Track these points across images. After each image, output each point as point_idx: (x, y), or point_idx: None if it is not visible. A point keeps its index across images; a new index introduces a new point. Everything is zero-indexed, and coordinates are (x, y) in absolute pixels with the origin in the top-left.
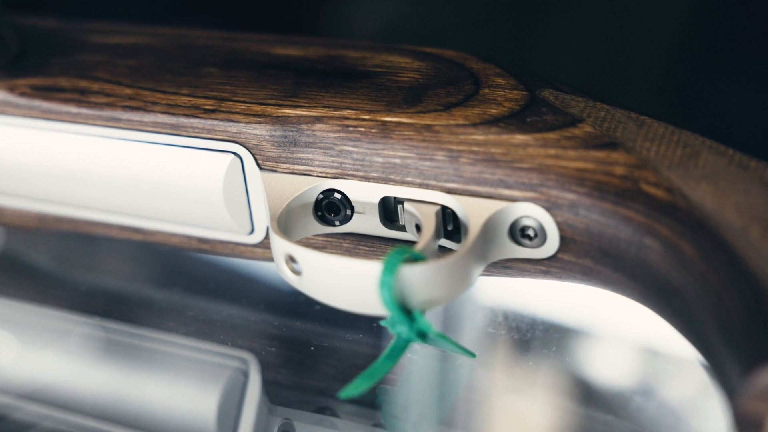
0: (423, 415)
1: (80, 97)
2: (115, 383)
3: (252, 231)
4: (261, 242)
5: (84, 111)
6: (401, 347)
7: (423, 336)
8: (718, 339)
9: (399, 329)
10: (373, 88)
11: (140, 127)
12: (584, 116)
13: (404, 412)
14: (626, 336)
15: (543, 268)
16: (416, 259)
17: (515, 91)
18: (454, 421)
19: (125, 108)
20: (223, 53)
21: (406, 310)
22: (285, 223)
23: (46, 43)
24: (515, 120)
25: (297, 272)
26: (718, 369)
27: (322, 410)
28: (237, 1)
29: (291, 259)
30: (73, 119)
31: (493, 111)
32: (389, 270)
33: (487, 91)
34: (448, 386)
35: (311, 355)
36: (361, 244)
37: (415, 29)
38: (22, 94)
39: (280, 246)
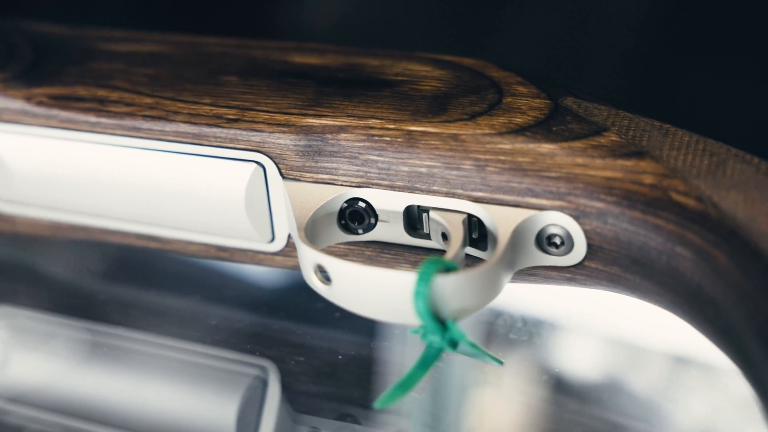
0: (451, 422)
1: (99, 106)
2: (132, 392)
3: (272, 239)
4: (281, 250)
5: (104, 120)
6: (433, 356)
7: (454, 345)
8: (758, 349)
9: (431, 338)
10: (397, 97)
11: (161, 137)
12: (609, 125)
13: (433, 420)
14: (653, 343)
15: (568, 275)
16: (449, 269)
17: (538, 100)
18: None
19: (146, 117)
20: (241, 62)
21: (438, 320)
22: (311, 232)
23: (59, 50)
24: (541, 129)
25: (326, 282)
26: (756, 379)
27: (343, 417)
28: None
29: (320, 269)
30: (91, 128)
31: (519, 120)
32: (424, 280)
33: (510, 99)
34: (473, 393)
35: (331, 362)
36: (384, 252)
37: (369, 25)
38: (40, 104)
39: (310, 256)
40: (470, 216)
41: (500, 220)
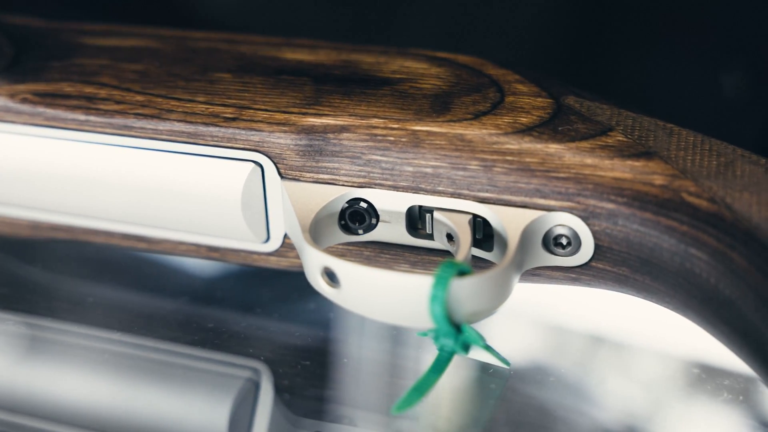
0: (462, 425)
1: (88, 104)
2: (125, 397)
3: (267, 239)
4: (276, 250)
5: (93, 118)
6: (446, 360)
7: (467, 348)
8: None
9: (443, 342)
10: (397, 95)
11: (154, 135)
12: (613, 124)
13: (443, 423)
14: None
15: (573, 275)
16: (464, 272)
17: (540, 99)
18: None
19: (138, 116)
20: (232, 57)
21: (453, 324)
22: (314, 233)
23: (40, 45)
24: (547, 129)
25: (334, 285)
26: None
27: (339, 419)
28: None
29: (327, 272)
30: (79, 127)
31: (524, 120)
32: (441, 284)
33: (512, 98)
34: (485, 396)
35: (325, 364)
36: (383, 252)
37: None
38: (24, 101)
39: (317, 259)
40: (475, 216)
41: (508, 221)
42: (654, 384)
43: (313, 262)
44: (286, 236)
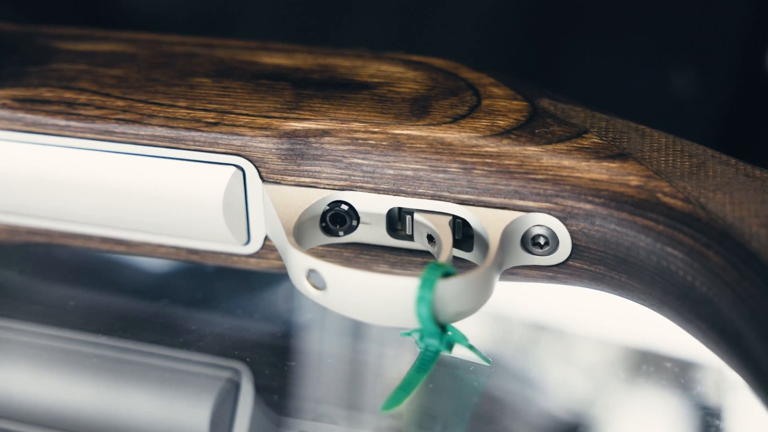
0: (446, 423)
1: (68, 109)
2: (105, 401)
3: (248, 242)
4: (256, 252)
5: (73, 123)
6: (431, 359)
7: (450, 347)
8: (762, 348)
9: (428, 342)
10: (377, 99)
11: (135, 140)
12: (588, 126)
13: (428, 421)
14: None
15: (550, 274)
16: (449, 273)
17: (515, 102)
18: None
19: (120, 121)
20: (210, 62)
21: (438, 324)
22: (297, 236)
23: (14, 50)
24: (524, 131)
25: (319, 287)
26: (757, 377)
27: (319, 418)
28: None
29: (311, 274)
30: (59, 132)
31: (501, 123)
32: (428, 286)
33: (488, 102)
34: (467, 394)
35: (304, 363)
36: (363, 253)
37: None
38: (3, 106)
39: (302, 261)
40: (455, 218)
41: (488, 222)
42: (596, 370)
43: (298, 264)
44: (266, 238)
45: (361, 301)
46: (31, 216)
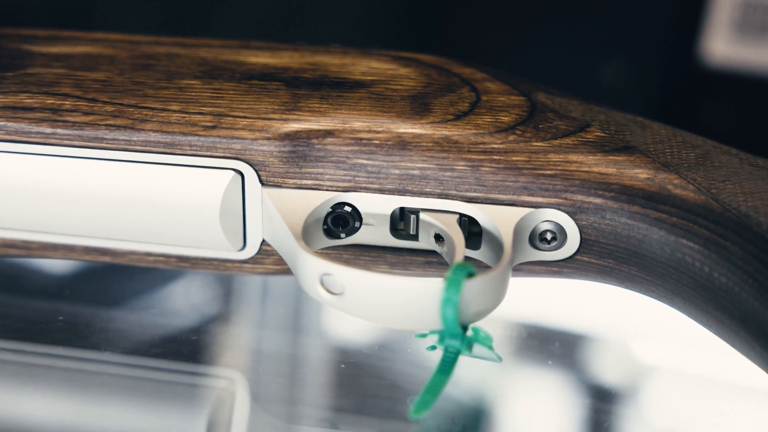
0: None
1: (53, 116)
2: (99, 416)
3: (243, 247)
4: (251, 258)
5: (60, 131)
6: (453, 360)
7: (471, 347)
8: None
9: (449, 343)
10: (375, 98)
11: (127, 147)
12: (589, 120)
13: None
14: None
15: (555, 269)
16: (471, 274)
17: (513, 97)
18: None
19: (110, 127)
20: (194, 63)
21: (461, 325)
22: (306, 240)
23: None
24: (528, 127)
25: (334, 292)
26: None
27: (321, 423)
28: None
29: (325, 279)
30: (45, 140)
31: (505, 118)
32: (455, 287)
33: (486, 97)
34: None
35: (302, 369)
36: (363, 255)
37: None
38: None
39: (317, 266)
40: (461, 216)
41: (499, 219)
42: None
43: (312, 269)
44: (263, 243)
45: (380, 305)
46: (8, 228)
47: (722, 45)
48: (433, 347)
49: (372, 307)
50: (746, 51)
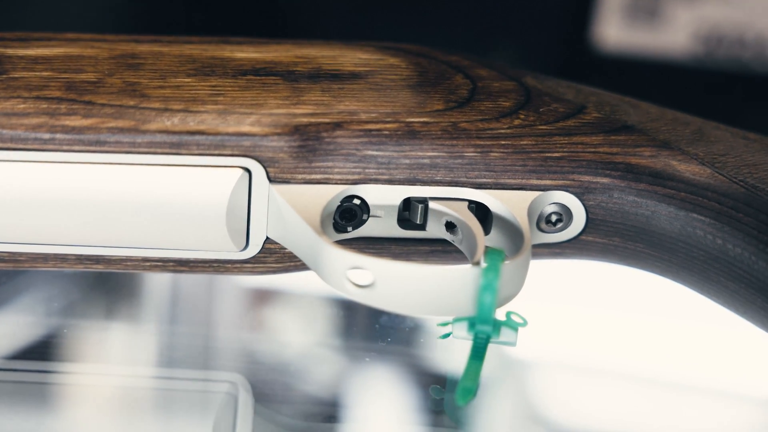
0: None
1: (51, 120)
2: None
3: (246, 247)
4: (253, 257)
5: (59, 136)
6: (484, 345)
7: (499, 331)
8: None
9: (480, 329)
10: (375, 88)
11: (130, 149)
12: (583, 101)
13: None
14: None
15: (557, 250)
16: (503, 259)
17: (505, 82)
18: None
19: (113, 130)
20: (181, 60)
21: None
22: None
23: None
24: (529, 111)
25: (362, 285)
26: None
27: (329, 419)
28: None
29: (351, 272)
30: (42, 147)
31: (506, 103)
32: (494, 272)
33: (482, 84)
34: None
35: (303, 367)
36: (368, 247)
37: None
38: None
39: (344, 259)
40: (470, 202)
41: (512, 204)
42: None
43: (339, 263)
44: (265, 242)
45: (413, 295)
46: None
47: (614, 30)
48: (446, 335)
49: (404, 297)
50: (637, 35)
